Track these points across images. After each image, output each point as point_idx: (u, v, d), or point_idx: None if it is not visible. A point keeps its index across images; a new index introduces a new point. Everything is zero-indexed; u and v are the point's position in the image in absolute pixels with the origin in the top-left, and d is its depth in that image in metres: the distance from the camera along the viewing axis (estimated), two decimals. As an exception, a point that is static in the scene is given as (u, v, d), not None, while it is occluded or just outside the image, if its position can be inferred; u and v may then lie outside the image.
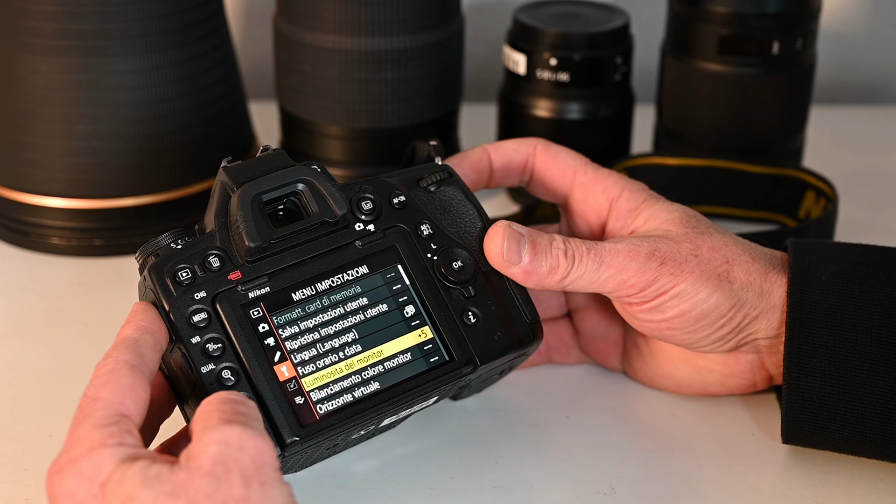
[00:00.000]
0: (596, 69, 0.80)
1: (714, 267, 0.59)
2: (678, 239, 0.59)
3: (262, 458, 0.45)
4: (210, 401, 0.49)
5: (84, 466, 0.46)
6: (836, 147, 0.97)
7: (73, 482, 0.46)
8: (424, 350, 0.56)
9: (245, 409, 0.48)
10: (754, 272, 0.59)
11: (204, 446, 0.45)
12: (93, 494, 0.45)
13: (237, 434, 0.46)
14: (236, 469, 0.45)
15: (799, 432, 0.59)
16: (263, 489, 0.45)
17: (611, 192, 0.62)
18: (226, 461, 0.45)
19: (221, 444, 0.45)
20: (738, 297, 0.59)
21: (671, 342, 0.61)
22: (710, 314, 0.59)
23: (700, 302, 0.58)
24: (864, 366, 0.57)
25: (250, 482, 0.44)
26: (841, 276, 0.59)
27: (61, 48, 0.75)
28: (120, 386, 0.49)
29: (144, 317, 0.53)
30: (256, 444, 0.46)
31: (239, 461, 0.45)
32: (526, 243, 0.58)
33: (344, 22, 0.78)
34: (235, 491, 0.44)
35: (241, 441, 0.46)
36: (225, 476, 0.44)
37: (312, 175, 0.56)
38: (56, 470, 0.46)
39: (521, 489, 0.59)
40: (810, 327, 0.58)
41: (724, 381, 0.63)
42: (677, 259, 0.58)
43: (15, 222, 0.80)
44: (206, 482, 0.44)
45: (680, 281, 0.58)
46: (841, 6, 1.07)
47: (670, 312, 0.59)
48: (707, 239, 0.60)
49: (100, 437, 0.47)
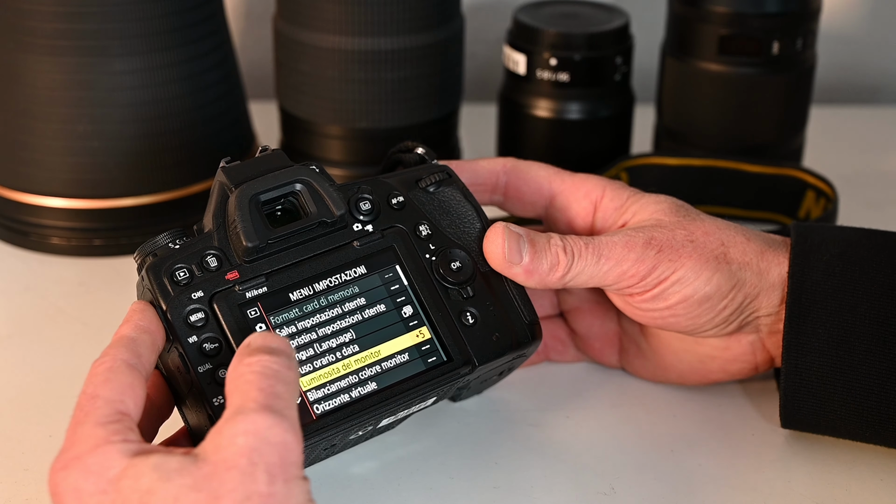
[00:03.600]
0: (596, 69, 0.80)
1: (711, 250, 0.59)
2: (672, 227, 0.60)
3: (288, 456, 0.44)
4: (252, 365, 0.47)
5: (91, 463, 0.45)
6: (836, 147, 0.97)
7: (80, 478, 0.45)
8: (422, 350, 0.56)
9: (284, 387, 0.47)
10: (750, 252, 0.60)
11: (232, 437, 0.44)
12: (101, 489, 0.45)
13: (267, 426, 0.44)
14: (262, 464, 0.44)
15: (797, 413, 0.59)
16: (287, 487, 0.44)
17: (593, 194, 0.62)
18: (252, 455, 0.44)
19: (250, 435, 0.44)
20: (737, 278, 0.59)
21: (673, 330, 0.61)
22: (713, 297, 0.59)
23: (701, 286, 0.58)
24: (862, 347, 0.57)
25: (275, 479, 0.44)
26: (842, 257, 0.59)
27: (61, 48, 0.75)
28: (119, 384, 0.49)
29: (143, 316, 0.53)
30: (285, 441, 0.44)
31: (266, 456, 0.44)
32: (525, 243, 0.58)
33: (344, 22, 0.78)
34: (260, 487, 0.43)
35: (270, 435, 0.44)
36: (250, 471, 0.43)
37: (310, 175, 0.56)
38: (60, 467, 0.46)
39: (521, 489, 0.59)
40: (810, 308, 0.58)
41: (726, 366, 0.63)
42: (674, 245, 0.59)
43: (15, 222, 0.80)
44: (230, 476, 0.43)
45: (679, 266, 0.58)
46: (841, 6, 1.07)
47: (673, 299, 0.59)
48: (700, 224, 0.60)
49: (104, 434, 0.46)
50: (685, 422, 0.64)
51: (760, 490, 0.59)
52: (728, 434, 0.63)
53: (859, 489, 0.59)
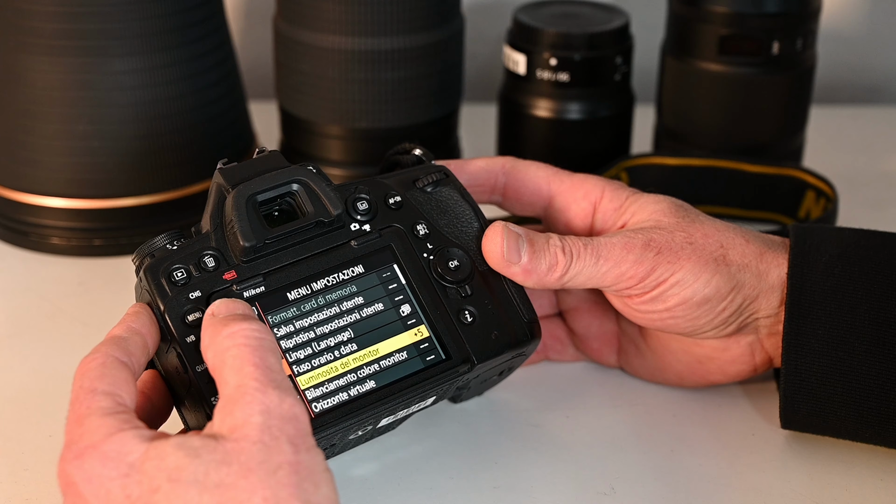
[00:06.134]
0: (596, 69, 0.80)
1: (710, 252, 0.59)
2: (671, 228, 0.60)
3: (302, 427, 0.46)
4: (234, 336, 0.48)
5: (108, 450, 0.46)
6: (836, 147, 0.97)
7: (97, 465, 0.45)
8: (420, 349, 0.56)
9: (273, 356, 0.48)
10: (749, 254, 0.60)
11: (247, 416, 0.45)
12: (123, 473, 0.45)
13: (277, 402, 0.46)
14: (283, 437, 0.45)
15: (797, 413, 0.59)
16: (310, 454, 0.45)
17: (592, 194, 0.62)
18: (272, 429, 0.45)
19: (265, 413, 0.45)
20: (736, 279, 0.59)
21: (672, 331, 0.61)
22: (712, 299, 0.59)
23: (700, 288, 0.58)
24: (862, 347, 0.57)
25: (298, 448, 0.45)
26: (841, 258, 0.59)
27: (61, 48, 0.75)
28: (114, 378, 0.49)
29: (136, 319, 0.53)
30: (295, 413, 0.46)
31: (284, 429, 0.45)
32: (524, 242, 0.58)
33: (344, 22, 0.78)
34: (288, 457, 0.44)
35: (282, 409, 0.46)
36: (274, 444, 0.45)
37: (307, 175, 0.56)
38: (73, 456, 0.46)
39: (521, 489, 0.59)
40: (810, 308, 0.58)
41: (724, 367, 0.63)
42: (673, 247, 0.59)
43: (15, 222, 0.80)
44: (256, 449, 0.44)
45: (678, 269, 0.58)
46: (841, 6, 1.07)
47: (671, 301, 0.59)
48: (699, 226, 0.60)
49: (115, 423, 0.47)
50: (685, 422, 0.64)
51: (760, 490, 0.59)
52: (728, 434, 0.63)
53: (859, 489, 0.59)
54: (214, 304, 0.51)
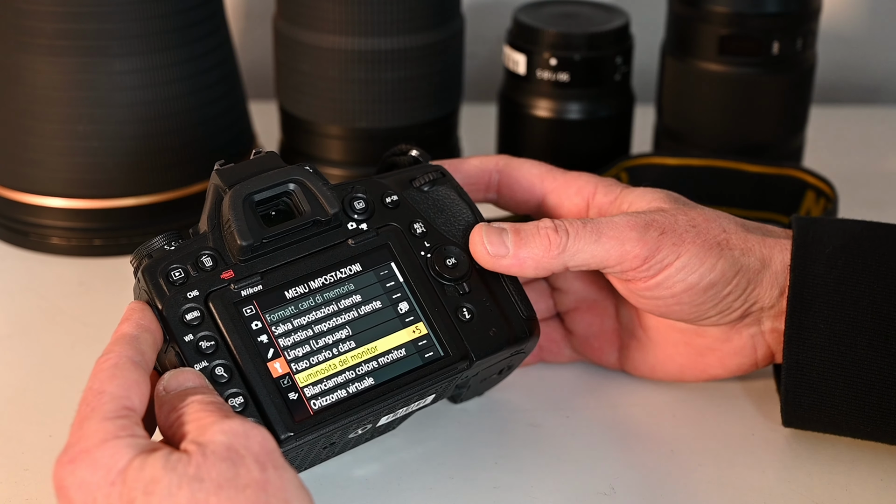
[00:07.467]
0: (596, 69, 0.80)
1: (713, 236, 0.59)
2: (672, 212, 0.59)
3: (268, 444, 0.47)
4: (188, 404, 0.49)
5: (99, 456, 0.46)
6: (836, 147, 0.97)
7: (88, 471, 0.46)
8: (419, 346, 0.56)
9: (222, 402, 0.50)
10: (752, 239, 0.60)
11: (212, 436, 0.47)
12: (110, 481, 0.46)
13: (239, 423, 0.47)
14: (249, 455, 0.46)
15: (799, 408, 0.59)
16: (278, 472, 0.46)
17: (585, 190, 0.63)
18: (237, 448, 0.46)
19: (228, 433, 0.47)
20: (740, 263, 0.59)
21: (676, 318, 0.60)
22: (717, 283, 0.58)
23: (706, 272, 0.58)
24: (864, 342, 0.57)
25: (265, 466, 0.46)
26: (844, 250, 0.59)
27: (61, 48, 0.75)
28: (125, 381, 0.50)
29: (143, 315, 0.53)
30: (259, 432, 0.47)
31: (249, 448, 0.46)
32: (509, 234, 0.58)
33: (344, 22, 0.78)
34: (254, 475, 0.45)
35: (245, 430, 0.47)
36: (240, 461, 0.46)
37: (304, 175, 0.57)
38: (67, 460, 0.47)
39: (520, 489, 0.59)
40: (812, 301, 0.58)
41: (725, 360, 0.63)
42: (676, 229, 0.58)
43: (15, 222, 0.80)
44: (224, 466, 0.45)
45: (683, 252, 0.58)
46: (841, 6, 1.07)
47: (678, 287, 0.58)
48: (700, 212, 0.60)
49: (112, 429, 0.47)
50: (685, 422, 0.64)
51: (760, 490, 0.59)
52: (728, 434, 0.63)
53: (859, 489, 0.59)
54: (164, 378, 0.51)
